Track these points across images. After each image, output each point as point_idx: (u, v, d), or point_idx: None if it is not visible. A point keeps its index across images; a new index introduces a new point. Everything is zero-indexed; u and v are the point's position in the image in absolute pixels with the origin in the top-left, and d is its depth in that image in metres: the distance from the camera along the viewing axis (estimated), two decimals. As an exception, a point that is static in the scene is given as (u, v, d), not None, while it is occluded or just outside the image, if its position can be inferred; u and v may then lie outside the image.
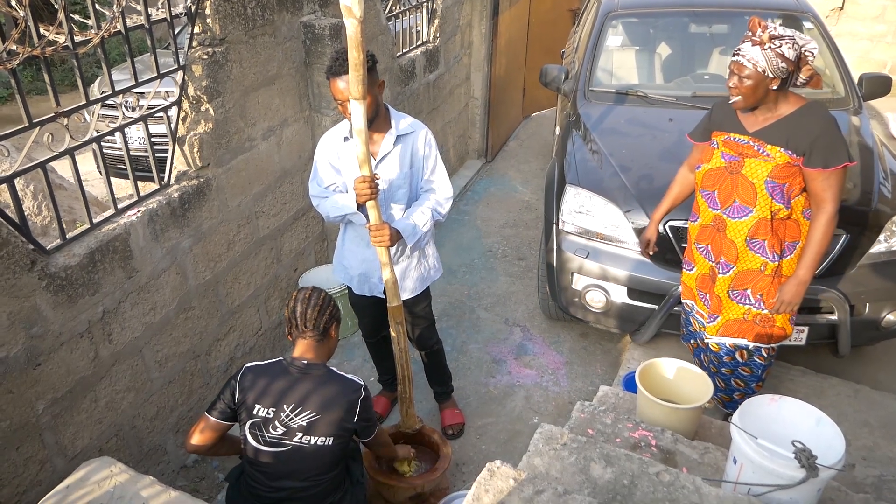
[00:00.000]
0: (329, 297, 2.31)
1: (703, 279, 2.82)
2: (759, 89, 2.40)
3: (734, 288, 2.69)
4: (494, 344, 4.00)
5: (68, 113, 2.25)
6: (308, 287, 2.32)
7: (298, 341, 2.26)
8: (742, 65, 2.39)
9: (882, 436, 3.06)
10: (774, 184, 2.48)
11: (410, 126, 2.69)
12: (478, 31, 5.99)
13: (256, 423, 2.16)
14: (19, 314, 2.15)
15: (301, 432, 2.15)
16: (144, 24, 2.53)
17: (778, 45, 2.33)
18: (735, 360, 2.83)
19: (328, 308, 2.27)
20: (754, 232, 2.56)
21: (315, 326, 2.22)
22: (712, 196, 2.65)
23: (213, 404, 2.22)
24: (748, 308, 2.69)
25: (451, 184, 2.81)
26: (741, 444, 1.94)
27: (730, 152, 2.59)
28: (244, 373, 2.21)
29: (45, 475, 2.35)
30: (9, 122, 7.02)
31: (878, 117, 7.43)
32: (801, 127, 2.43)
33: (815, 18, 4.28)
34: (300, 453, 2.17)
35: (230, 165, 3.11)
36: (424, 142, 2.71)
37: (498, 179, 6.26)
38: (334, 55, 2.46)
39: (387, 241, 2.49)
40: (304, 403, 2.16)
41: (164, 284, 2.79)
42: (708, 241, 2.74)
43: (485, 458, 3.15)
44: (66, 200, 4.26)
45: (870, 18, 8.69)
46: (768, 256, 2.58)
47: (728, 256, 2.65)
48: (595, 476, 1.97)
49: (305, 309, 2.23)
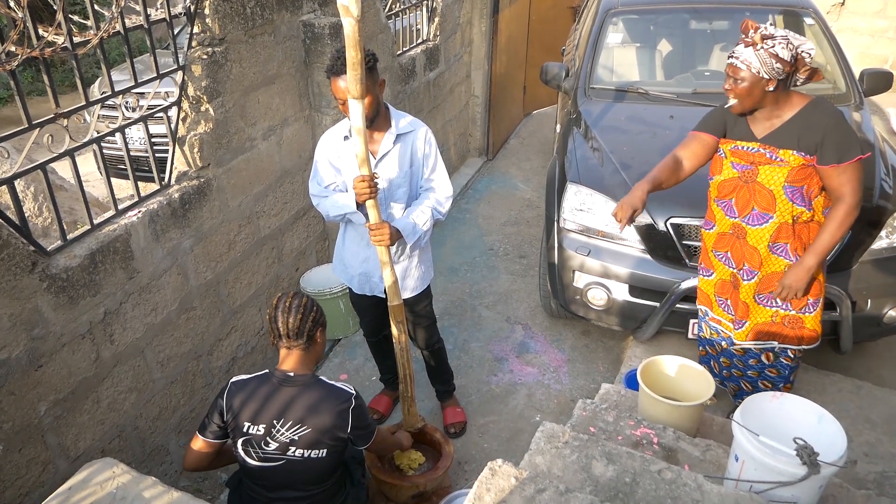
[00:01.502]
0: (311, 303, 2.21)
1: (724, 285, 2.78)
2: (755, 91, 2.38)
3: (760, 292, 2.66)
4: (496, 342, 4.00)
5: (68, 114, 2.25)
6: (288, 293, 2.22)
7: (283, 352, 2.20)
8: (736, 67, 2.38)
9: (884, 432, 3.06)
10: (793, 188, 2.46)
11: (410, 125, 2.69)
12: (478, 29, 5.99)
13: (248, 440, 2.14)
14: (20, 316, 2.15)
15: (293, 446, 2.13)
16: (144, 24, 2.53)
17: (770, 45, 2.31)
18: (761, 362, 2.82)
19: (311, 314, 2.17)
20: (776, 237, 2.54)
21: (299, 335, 2.14)
22: (729, 205, 2.62)
23: (205, 425, 2.19)
24: (775, 311, 2.67)
25: (451, 182, 2.80)
26: (743, 442, 1.94)
27: (740, 162, 2.55)
28: (230, 390, 2.16)
29: (47, 477, 2.35)
30: (9, 123, 7.02)
31: (880, 113, 7.42)
32: (809, 125, 2.40)
33: (815, 14, 4.27)
34: (295, 466, 2.15)
35: (230, 165, 3.10)
36: (424, 140, 2.71)
37: (499, 177, 6.26)
38: (335, 54, 2.46)
39: (387, 241, 2.49)
40: (294, 418, 2.12)
41: (166, 285, 2.79)
42: (727, 248, 2.70)
43: (487, 456, 3.15)
44: (67, 201, 4.26)
45: (871, 14, 8.68)
46: (792, 259, 2.56)
47: (752, 263, 2.62)
48: (597, 474, 1.97)
49: (287, 318, 2.13)
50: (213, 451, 2.23)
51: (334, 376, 3.74)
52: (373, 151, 2.64)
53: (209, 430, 2.18)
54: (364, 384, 3.55)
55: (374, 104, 2.46)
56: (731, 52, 2.41)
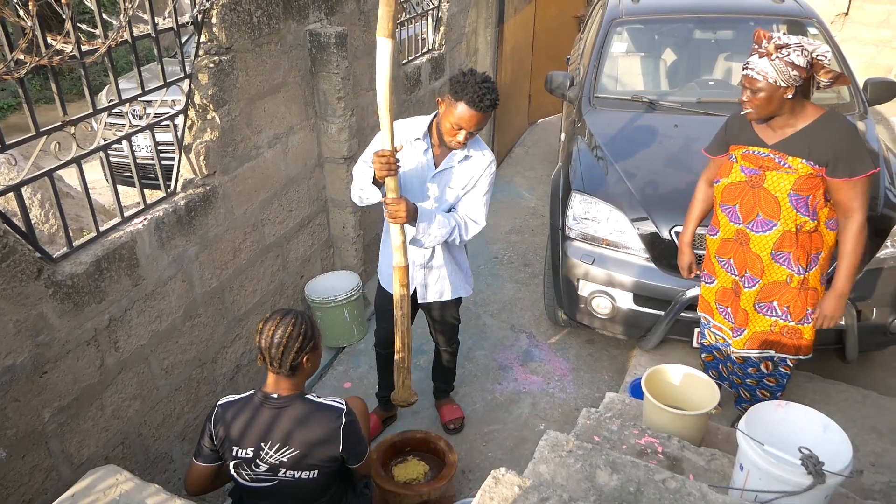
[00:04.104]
0: (299, 329, 2.07)
1: (725, 292, 2.78)
2: (774, 100, 2.37)
3: (760, 300, 2.66)
4: (500, 350, 3.99)
5: (75, 122, 2.26)
6: (278, 313, 2.09)
7: (269, 373, 2.12)
8: (753, 78, 2.37)
9: (891, 442, 3.04)
10: (798, 196, 2.45)
11: (481, 148, 2.72)
12: (483, 39, 6.01)
13: (239, 463, 2.13)
14: (26, 322, 2.16)
15: (284, 468, 2.11)
16: (151, 33, 2.55)
17: (785, 53, 2.31)
18: (760, 371, 2.81)
19: (295, 344, 2.05)
20: (779, 245, 2.53)
21: (282, 365, 2.06)
22: (734, 210, 2.61)
23: (198, 450, 2.18)
24: (775, 320, 2.66)
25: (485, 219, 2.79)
26: (748, 451, 1.93)
27: (750, 166, 2.55)
28: (217, 413, 2.14)
29: (50, 483, 2.35)
30: (17, 130, 7.07)
31: (884, 122, 7.40)
32: (822, 137, 2.39)
33: (819, 24, 4.27)
34: (287, 487, 2.14)
35: (236, 173, 3.12)
36: (485, 169, 2.72)
37: (504, 186, 6.26)
38: (483, 87, 2.42)
39: (402, 216, 2.46)
40: (282, 440, 2.08)
41: (171, 292, 2.80)
42: (730, 254, 2.69)
43: (491, 464, 3.14)
44: (73, 209, 4.28)
45: (875, 24, 8.68)
46: (794, 269, 2.55)
47: (753, 270, 2.62)
48: (601, 483, 1.96)
49: (269, 347, 2.04)
50: (212, 473, 2.21)
51: (338, 384, 3.74)
52: (436, 159, 2.68)
53: (203, 455, 2.17)
54: (368, 393, 3.54)
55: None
56: (746, 63, 2.41)
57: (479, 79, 2.44)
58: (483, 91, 2.42)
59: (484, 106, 2.44)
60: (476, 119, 2.47)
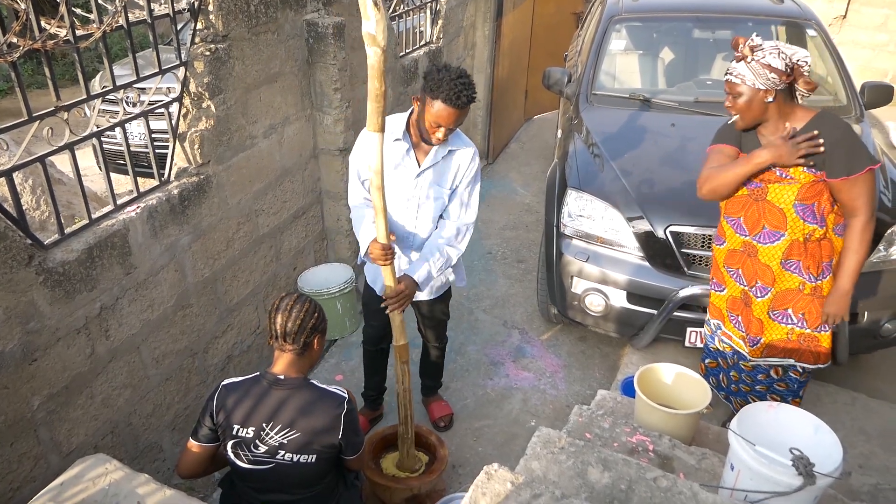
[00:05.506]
0: (313, 308, 2.16)
1: (735, 301, 2.74)
2: (754, 104, 2.37)
3: (774, 308, 2.63)
4: (493, 346, 3.99)
5: (68, 107, 2.23)
6: (292, 294, 2.17)
7: (277, 353, 2.16)
8: (732, 83, 2.38)
9: (879, 444, 3.06)
10: (804, 206, 2.42)
11: (462, 142, 2.68)
12: (481, 33, 5.99)
13: (238, 442, 2.12)
14: (16, 309, 2.14)
15: (283, 450, 2.11)
16: (147, 19, 2.52)
17: (761, 55, 2.30)
18: (770, 377, 2.79)
19: (311, 320, 2.12)
20: (788, 254, 2.51)
21: (294, 340, 2.11)
22: (738, 222, 2.59)
23: (197, 429, 2.17)
24: (791, 328, 2.63)
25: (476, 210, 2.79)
26: (739, 451, 1.93)
27: (751, 179, 2.52)
28: (220, 392, 2.14)
29: (39, 471, 2.34)
30: (9, 115, 7.01)
31: (879, 126, 7.44)
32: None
33: (818, 26, 4.28)
34: (284, 470, 2.13)
35: (231, 163, 3.10)
36: (470, 160, 2.68)
37: (499, 181, 6.26)
38: (460, 82, 2.37)
39: (407, 302, 2.56)
40: (284, 422, 2.09)
41: (163, 281, 2.78)
42: (738, 265, 2.66)
43: (481, 460, 3.15)
44: (65, 195, 4.24)
45: (872, 28, 8.71)
46: (804, 276, 2.53)
47: (764, 280, 2.59)
48: (592, 480, 1.96)
49: (285, 320, 2.09)
50: (208, 456, 2.20)
51: (330, 377, 3.73)
52: (419, 161, 2.65)
53: (201, 434, 2.16)
54: (359, 385, 3.53)
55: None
56: (727, 70, 2.41)
57: (454, 75, 2.38)
58: (459, 87, 2.36)
59: (461, 103, 2.38)
60: (454, 116, 2.42)
